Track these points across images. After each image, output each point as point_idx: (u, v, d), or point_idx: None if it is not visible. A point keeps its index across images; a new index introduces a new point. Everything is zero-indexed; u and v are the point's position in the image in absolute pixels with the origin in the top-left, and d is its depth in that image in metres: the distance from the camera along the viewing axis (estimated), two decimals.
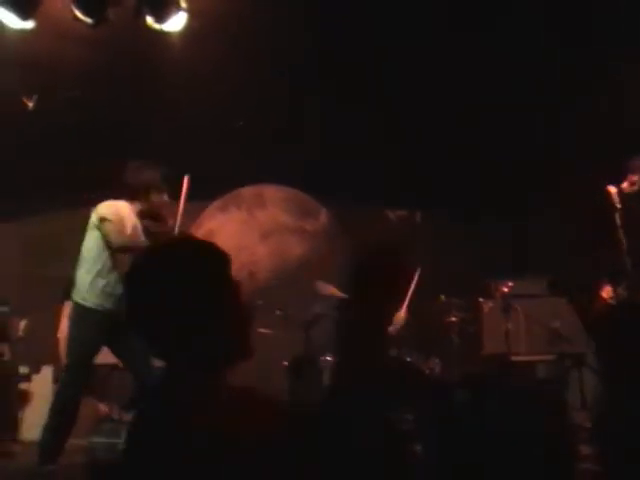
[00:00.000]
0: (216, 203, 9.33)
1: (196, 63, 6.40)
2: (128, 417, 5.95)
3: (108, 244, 5.30)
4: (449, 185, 8.49)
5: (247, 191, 9.39)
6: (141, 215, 5.51)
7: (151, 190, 5.47)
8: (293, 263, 9.30)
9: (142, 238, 5.51)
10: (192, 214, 9.16)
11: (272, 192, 9.46)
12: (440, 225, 9.05)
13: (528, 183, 8.23)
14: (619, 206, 5.55)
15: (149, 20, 5.69)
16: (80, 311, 5.34)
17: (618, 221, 5.52)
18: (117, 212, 5.36)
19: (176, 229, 5.59)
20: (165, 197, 5.56)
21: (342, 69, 7.36)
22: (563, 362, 7.47)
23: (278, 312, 6.70)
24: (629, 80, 6.79)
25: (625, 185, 5.84)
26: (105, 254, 5.34)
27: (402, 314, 6.86)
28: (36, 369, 6.64)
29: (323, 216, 9.50)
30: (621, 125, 6.86)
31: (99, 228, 5.31)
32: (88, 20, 5.50)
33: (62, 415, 5.22)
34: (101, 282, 5.33)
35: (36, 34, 5.63)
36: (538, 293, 7.45)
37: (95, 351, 5.42)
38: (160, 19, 5.71)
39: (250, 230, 9.39)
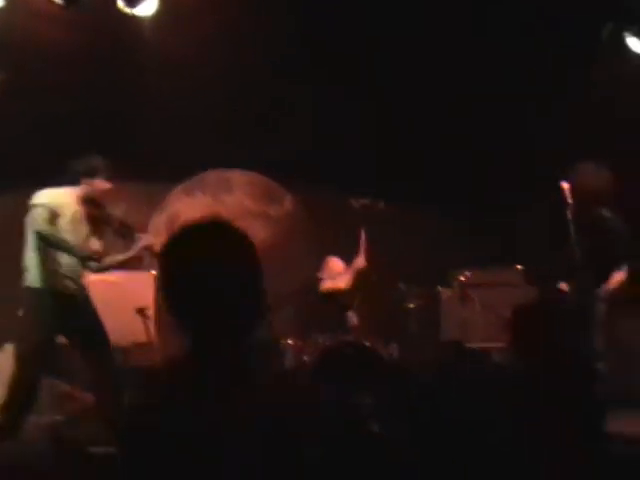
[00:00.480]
0: (182, 186, 9.37)
1: (169, 48, 6.47)
2: (89, 396, 6.02)
3: (34, 227, 5.41)
4: (415, 174, 8.60)
5: (213, 175, 9.46)
6: (82, 201, 5.64)
7: (95, 176, 5.61)
8: (257, 247, 9.37)
9: (82, 223, 5.67)
10: (158, 196, 9.26)
11: (238, 177, 9.53)
12: (403, 214, 9.20)
13: (496, 173, 8.34)
14: (570, 201, 5.72)
15: (120, 4, 5.77)
16: (32, 295, 5.47)
17: (569, 216, 5.70)
18: (51, 200, 5.49)
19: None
20: (107, 184, 5.69)
21: (322, 54, 7.44)
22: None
23: None
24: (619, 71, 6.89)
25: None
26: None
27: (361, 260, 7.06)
28: None
29: (288, 202, 9.60)
30: (612, 117, 6.99)
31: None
32: (59, 0, 5.58)
33: (20, 394, 5.33)
34: (52, 265, 5.48)
35: (8, 13, 5.68)
36: (497, 282, 7.64)
37: (50, 332, 5.51)
38: (131, 3, 5.80)
39: (215, 214, 9.45)
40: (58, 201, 5.51)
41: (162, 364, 4.07)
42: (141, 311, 6.74)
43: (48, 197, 5.49)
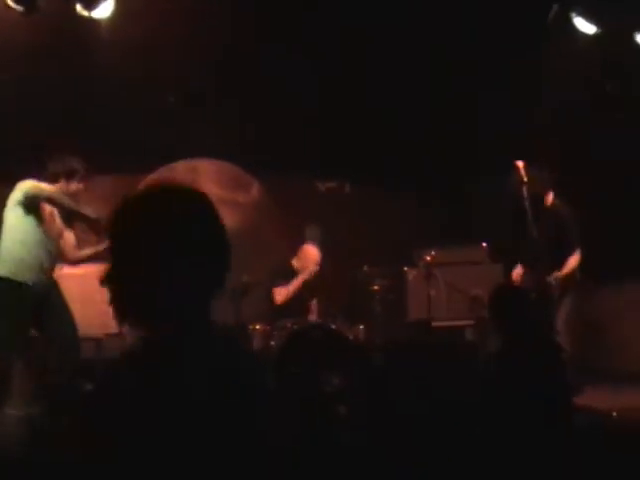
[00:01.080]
0: (150, 176, 9.45)
1: (126, 43, 6.56)
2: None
3: (40, 199, 5.57)
4: (376, 154, 8.71)
5: (180, 165, 9.54)
6: None
7: (71, 177, 5.76)
8: (227, 234, 9.48)
9: (57, 218, 5.86)
10: (126, 187, 9.33)
11: (205, 165, 9.61)
12: (367, 195, 9.33)
13: (462, 151, 8.48)
14: (525, 179, 5.90)
15: (78, 8, 5.88)
16: (6, 285, 5.54)
17: (525, 194, 5.87)
18: (38, 186, 5.64)
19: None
20: (81, 186, 5.85)
21: (279, 33, 7.51)
22: (483, 327, 7.86)
23: None
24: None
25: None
26: (28, 229, 5.60)
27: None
28: None
29: (255, 189, 9.71)
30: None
31: (23, 201, 5.54)
32: (19, 8, 5.69)
33: None
34: (25, 257, 5.58)
35: None
36: (462, 260, 7.78)
37: (22, 324, 5.63)
38: (89, 7, 5.91)
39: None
40: (43, 189, 5.65)
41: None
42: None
43: (35, 185, 5.63)
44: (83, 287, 6.52)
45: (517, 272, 6.72)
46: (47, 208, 5.75)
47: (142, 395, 1.93)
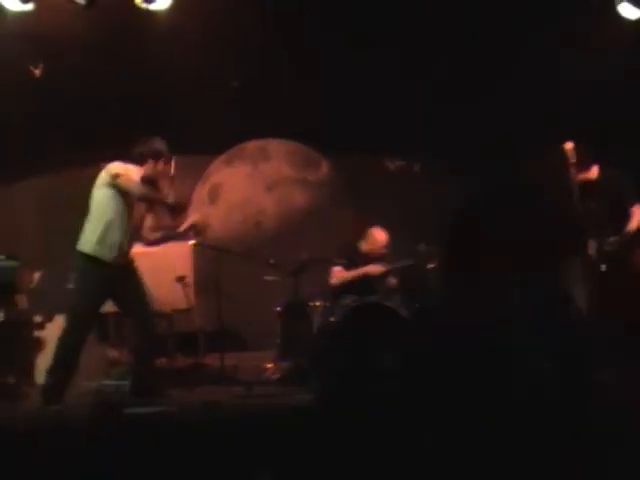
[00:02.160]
0: (222, 157, 9.77)
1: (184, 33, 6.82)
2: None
3: (130, 195, 5.82)
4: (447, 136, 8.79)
5: (251, 145, 9.82)
6: (142, 180, 5.98)
7: (159, 159, 5.98)
8: (297, 213, 9.77)
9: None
10: (199, 169, 9.66)
11: (275, 145, 9.87)
12: (433, 175, 9.45)
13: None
14: (574, 161, 5.99)
15: (137, 0, 6.12)
16: (86, 261, 5.84)
17: (573, 175, 5.97)
18: (127, 170, 5.89)
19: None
20: (172, 167, 6.04)
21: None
22: None
23: (272, 261, 7.15)
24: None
25: None
26: (113, 210, 5.86)
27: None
28: (49, 318, 7.13)
29: (324, 167, 9.91)
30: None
31: (113, 184, 5.81)
32: (80, 1, 5.95)
33: (64, 359, 5.76)
34: (109, 236, 5.85)
35: (38, 12, 6.10)
36: None
37: (99, 299, 5.94)
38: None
39: (255, 182, 9.84)
40: (131, 173, 5.92)
41: None
42: (181, 279, 7.13)
43: (125, 168, 5.89)
44: (154, 265, 6.76)
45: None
46: None
47: None
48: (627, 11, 6.68)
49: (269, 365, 7.14)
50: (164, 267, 7.13)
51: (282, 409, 5.63)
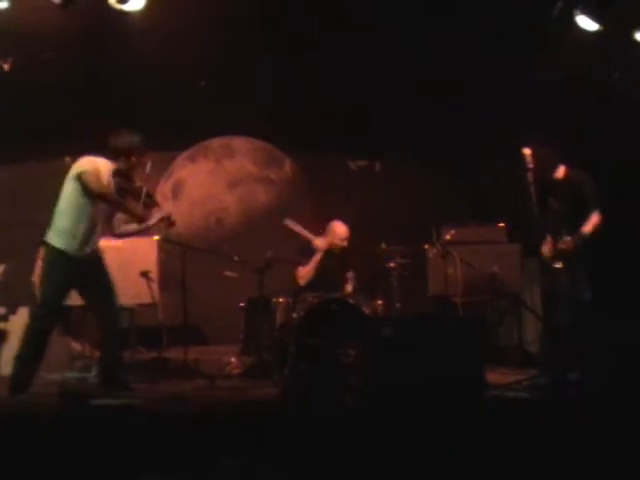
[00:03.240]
0: (186, 153, 9.88)
1: (156, 32, 6.94)
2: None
3: (88, 192, 5.87)
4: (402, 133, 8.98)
5: (215, 142, 9.94)
6: (115, 173, 6.09)
7: (132, 153, 6.08)
8: (259, 210, 9.91)
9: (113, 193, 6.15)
10: (163, 164, 9.75)
11: (239, 143, 10.01)
12: (395, 175, 9.64)
13: (480, 133, 8.71)
14: (531, 166, 6.20)
15: (112, 1, 6.23)
16: (53, 252, 5.93)
17: (530, 180, 6.19)
18: (95, 166, 5.96)
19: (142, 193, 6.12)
20: (147, 164, 6.14)
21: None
22: (500, 302, 8.14)
23: (236, 258, 7.28)
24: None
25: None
26: (82, 204, 5.94)
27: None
28: (13, 310, 7.17)
29: (287, 166, 10.06)
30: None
31: (78, 180, 5.88)
32: (57, 1, 6.04)
33: (31, 348, 5.86)
34: (76, 229, 5.94)
35: (12, 10, 6.20)
36: (480, 239, 8.03)
37: (65, 291, 6.04)
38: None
39: (218, 179, 9.97)
40: (100, 168, 5.99)
41: None
42: (145, 274, 7.24)
43: (93, 163, 5.97)
44: (119, 260, 6.85)
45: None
46: (106, 181, 6.02)
47: None
48: (585, 23, 6.88)
49: (232, 359, 7.27)
50: (129, 261, 7.24)
51: (243, 402, 5.78)
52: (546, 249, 6.64)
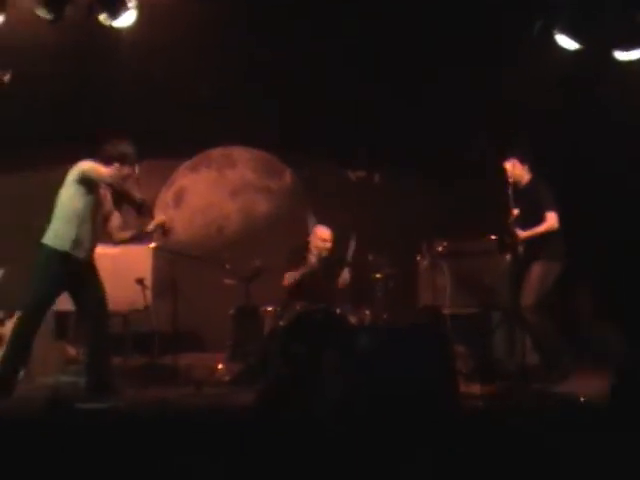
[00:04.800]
0: (187, 163, 10.04)
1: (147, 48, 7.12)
2: None
3: (94, 184, 6.06)
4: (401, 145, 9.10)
5: (217, 152, 10.10)
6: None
7: (125, 162, 6.22)
8: (259, 220, 10.05)
9: (107, 199, 6.34)
10: (165, 174, 9.92)
11: (240, 153, 10.16)
12: (392, 187, 9.72)
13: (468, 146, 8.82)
14: (511, 180, 6.38)
15: (102, 17, 6.41)
16: (49, 253, 6.07)
17: (510, 191, 6.38)
18: (94, 165, 6.13)
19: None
20: (135, 169, 6.28)
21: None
22: (490, 314, 8.21)
23: (227, 267, 7.42)
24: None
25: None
26: (80, 207, 6.09)
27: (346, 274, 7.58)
28: (9, 314, 7.32)
29: (287, 176, 10.20)
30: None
31: (80, 180, 6.04)
32: (48, 17, 6.23)
33: (17, 348, 6.01)
34: (73, 231, 6.08)
35: (7, 24, 6.39)
36: (472, 251, 8.11)
37: (56, 292, 6.17)
38: (112, 16, 6.44)
39: (219, 188, 10.11)
40: (99, 167, 6.15)
41: None
42: (140, 281, 7.38)
43: (92, 164, 6.13)
44: (114, 266, 7.00)
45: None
46: (101, 189, 6.23)
47: None
48: (565, 42, 6.98)
49: (220, 366, 7.41)
50: (124, 268, 7.38)
51: (229, 408, 5.89)
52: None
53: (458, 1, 7.18)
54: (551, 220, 6.81)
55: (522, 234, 6.84)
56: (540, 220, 6.84)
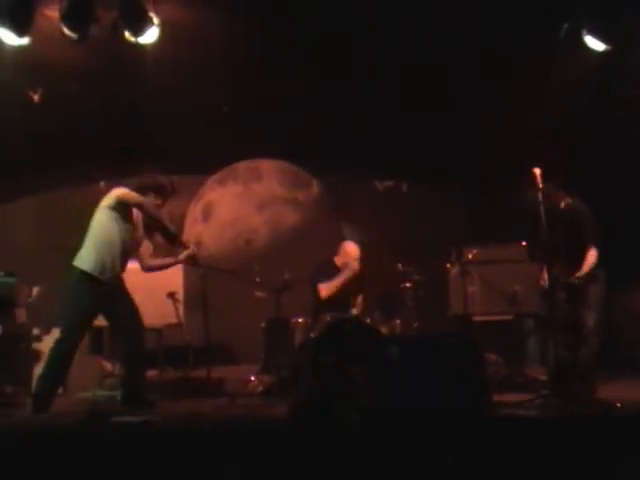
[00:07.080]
0: (215, 177, 10.14)
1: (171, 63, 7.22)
2: None
3: (128, 208, 6.25)
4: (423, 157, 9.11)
5: (243, 165, 10.19)
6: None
7: (159, 192, 6.46)
8: (287, 231, 10.11)
9: (139, 226, 6.51)
10: (192, 188, 10.02)
11: (267, 165, 10.24)
12: (420, 196, 9.79)
13: (498, 153, 8.81)
14: (541, 186, 6.26)
15: (126, 34, 6.53)
16: (81, 277, 6.18)
17: (540, 198, 6.25)
18: (128, 191, 6.32)
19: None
20: (158, 201, 6.45)
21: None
22: (522, 322, 8.20)
23: (257, 279, 7.49)
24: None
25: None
26: (112, 233, 6.25)
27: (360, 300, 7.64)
28: (46, 330, 7.42)
29: (314, 187, 10.26)
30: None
31: (114, 206, 6.21)
32: (73, 36, 6.35)
33: (54, 368, 6.10)
34: (102, 256, 6.22)
35: (36, 43, 6.52)
36: (502, 259, 8.10)
37: (89, 314, 6.29)
38: (136, 33, 6.55)
39: (247, 201, 10.20)
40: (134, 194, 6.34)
41: None
42: (172, 295, 7.47)
43: (126, 190, 6.32)
44: (146, 281, 7.08)
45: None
46: (134, 216, 6.40)
47: None
48: (592, 43, 6.94)
49: (252, 378, 7.46)
50: (156, 283, 7.46)
51: (262, 420, 5.94)
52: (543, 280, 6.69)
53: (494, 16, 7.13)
54: (592, 257, 6.52)
55: (580, 276, 6.54)
56: (577, 243, 6.60)
